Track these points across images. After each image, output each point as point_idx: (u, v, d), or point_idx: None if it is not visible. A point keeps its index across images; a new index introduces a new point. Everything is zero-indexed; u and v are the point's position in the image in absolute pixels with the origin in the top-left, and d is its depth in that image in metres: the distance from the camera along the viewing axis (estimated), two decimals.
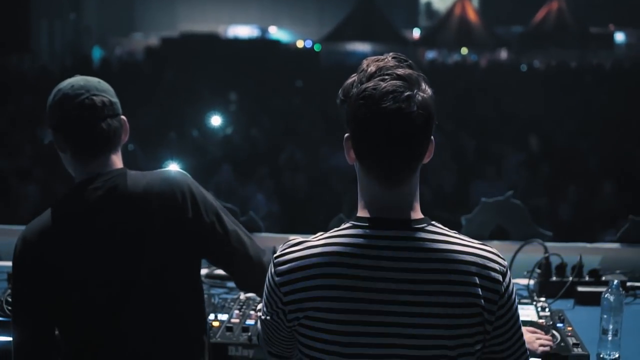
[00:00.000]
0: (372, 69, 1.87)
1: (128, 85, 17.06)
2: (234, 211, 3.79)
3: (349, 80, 1.90)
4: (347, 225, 1.89)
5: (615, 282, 2.85)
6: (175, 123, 12.70)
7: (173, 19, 30.31)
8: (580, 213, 8.18)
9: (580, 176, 9.39)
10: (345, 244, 1.85)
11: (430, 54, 25.80)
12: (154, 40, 26.24)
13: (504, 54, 26.65)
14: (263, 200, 8.81)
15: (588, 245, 3.86)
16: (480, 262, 1.84)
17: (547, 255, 3.53)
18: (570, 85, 17.31)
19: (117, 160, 2.49)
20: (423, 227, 1.86)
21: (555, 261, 3.53)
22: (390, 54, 1.94)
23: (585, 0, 27.21)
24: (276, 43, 26.59)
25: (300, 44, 28.27)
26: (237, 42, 26.27)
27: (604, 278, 3.46)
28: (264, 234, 3.93)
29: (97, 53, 26.76)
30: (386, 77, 1.84)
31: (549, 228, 4.20)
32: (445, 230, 1.89)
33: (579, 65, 22.27)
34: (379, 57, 1.93)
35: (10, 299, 3.09)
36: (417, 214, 1.89)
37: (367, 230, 1.85)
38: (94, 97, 2.48)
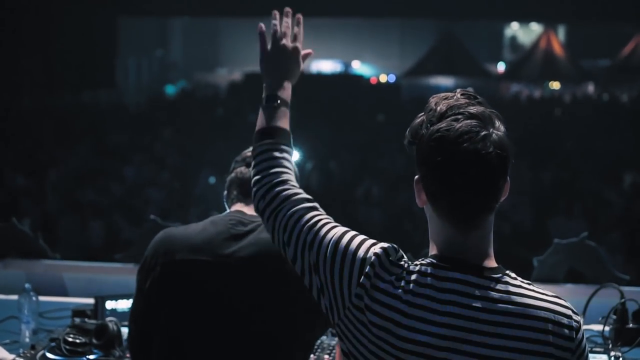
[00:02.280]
0: (442, 107, 1.79)
1: (208, 118, 17.44)
2: None
3: (417, 120, 1.83)
4: (419, 261, 1.81)
5: None
6: None
7: (257, 55, 30.74)
8: None
9: None
10: (412, 281, 1.78)
11: (515, 88, 25.47)
12: (237, 76, 26.67)
13: (590, 88, 26.11)
14: None
15: None
16: (555, 318, 1.75)
17: (623, 300, 3.36)
18: None
19: None
20: (498, 278, 1.77)
21: (632, 307, 3.37)
22: (459, 90, 1.87)
23: None
24: (359, 77, 26.67)
25: (383, 78, 28.29)
26: (320, 77, 26.47)
27: None
28: None
29: (179, 87, 27.37)
30: (459, 116, 1.76)
31: (630, 269, 4.02)
32: (519, 281, 1.79)
33: None
34: (448, 94, 1.86)
35: (69, 339, 3.10)
36: (492, 262, 1.80)
37: (438, 271, 1.77)
38: None
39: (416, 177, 1.84)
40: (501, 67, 29.43)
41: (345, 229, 1.94)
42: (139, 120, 17.92)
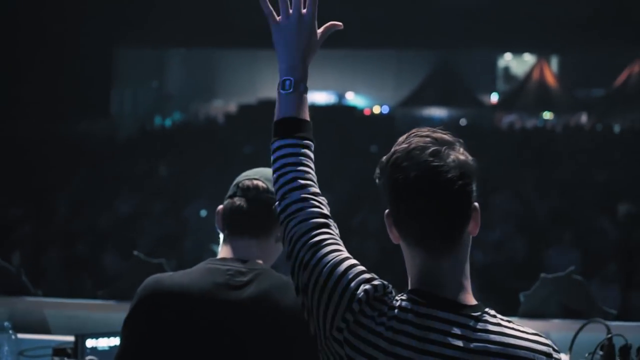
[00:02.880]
0: (406, 143, 1.83)
1: (203, 150, 17.44)
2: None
3: (382, 161, 1.87)
4: (400, 296, 1.80)
5: None
6: None
7: (253, 86, 30.87)
8: None
9: None
10: (393, 317, 1.77)
11: (509, 118, 25.57)
12: (232, 107, 26.76)
13: (584, 118, 26.21)
14: None
15: None
16: (535, 357, 1.72)
17: (609, 335, 3.32)
18: None
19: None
20: (477, 316, 1.75)
21: (619, 342, 3.32)
22: (426, 128, 1.88)
23: None
24: (352, 109, 26.75)
25: (376, 109, 28.36)
26: (313, 108, 26.45)
27: None
28: None
29: (175, 118, 27.45)
30: (420, 142, 1.80)
31: (620, 301, 3.99)
32: (499, 319, 1.77)
33: None
34: (413, 130, 1.89)
35: None
36: (470, 297, 1.79)
37: (418, 307, 1.76)
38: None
39: (386, 211, 1.84)
40: (495, 97, 29.57)
41: (344, 256, 1.87)
42: (134, 151, 17.93)
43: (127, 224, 10.85)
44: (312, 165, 2.04)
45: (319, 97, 29.82)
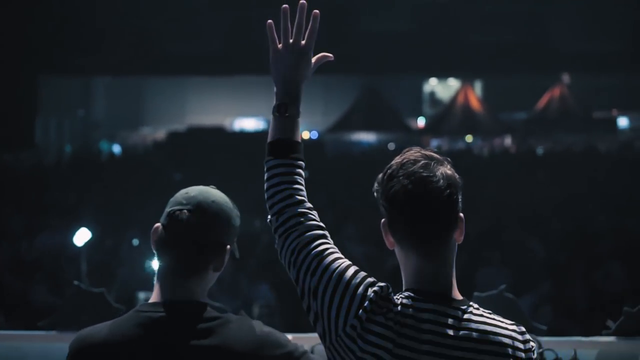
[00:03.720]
0: (399, 158, 2.11)
1: (131, 178, 17.27)
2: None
3: (379, 177, 2.13)
4: (399, 295, 2.06)
5: None
6: None
7: (182, 113, 30.73)
8: (594, 300, 8.08)
9: (591, 261, 9.30)
10: (398, 313, 2.02)
11: (435, 142, 25.99)
12: (161, 134, 26.58)
13: (508, 140, 26.82)
14: (267, 291, 8.74)
15: (584, 339, 3.77)
16: (514, 344, 2.04)
17: (541, 350, 3.46)
18: (578, 170, 17.33)
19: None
20: (465, 309, 2.05)
21: (549, 357, 3.47)
22: (418, 148, 2.17)
23: (588, 85, 27.50)
24: None
25: (305, 134, 28.53)
26: (242, 134, 26.54)
27: None
28: None
29: (102, 146, 27.13)
30: (413, 159, 2.08)
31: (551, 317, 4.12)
32: (482, 311, 2.08)
33: (585, 149, 22.38)
34: (407, 149, 2.17)
35: None
36: (457, 293, 2.08)
37: (417, 303, 2.03)
38: None
39: (382, 220, 2.09)
40: (421, 121, 30.01)
41: (348, 262, 2.11)
42: (60, 181, 17.63)
43: (55, 254, 10.67)
44: (303, 183, 2.25)
45: (248, 123, 29.85)
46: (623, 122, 29.52)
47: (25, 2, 18.37)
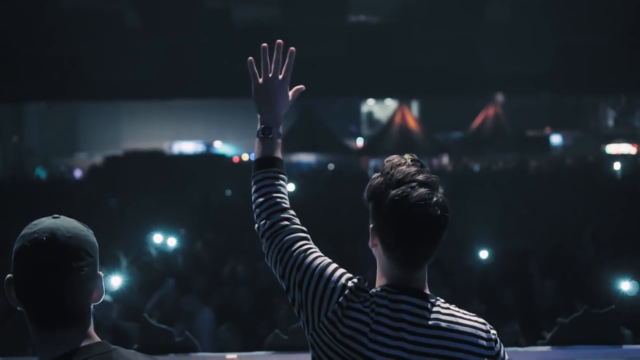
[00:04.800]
0: (397, 175, 2.25)
1: (69, 202, 16.99)
2: (168, 333, 3.74)
3: (375, 183, 2.28)
4: (375, 289, 2.27)
5: None
6: (121, 242, 12.59)
7: (117, 138, 30.45)
8: (521, 313, 8.22)
9: (522, 278, 9.47)
10: (374, 302, 2.24)
11: (374, 162, 26.21)
12: (97, 160, 26.29)
13: (445, 159, 27.19)
14: (210, 314, 8.69)
15: (520, 349, 3.87)
16: (476, 333, 2.24)
17: None
18: (509, 188, 17.64)
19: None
20: (433, 302, 2.25)
21: None
22: (408, 156, 2.33)
23: (521, 105, 28.11)
24: (221, 157, 26.79)
25: (245, 156, 28.52)
26: (181, 157, 26.44)
27: None
28: (200, 354, 3.86)
29: (36, 174, 26.69)
30: (413, 184, 2.22)
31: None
32: (447, 305, 2.29)
33: (518, 167, 22.80)
34: (400, 160, 2.32)
35: None
36: (427, 290, 2.29)
37: (392, 295, 2.23)
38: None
39: (371, 225, 2.28)
40: (360, 142, 30.24)
41: (329, 260, 2.36)
42: None
43: None
44: (286, 193, 2.52)
45: (186, 146, 29.72)
46: (556, 139, 30.20)
47: None
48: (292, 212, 2.48)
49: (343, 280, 2.29)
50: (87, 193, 19.48)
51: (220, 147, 30.56)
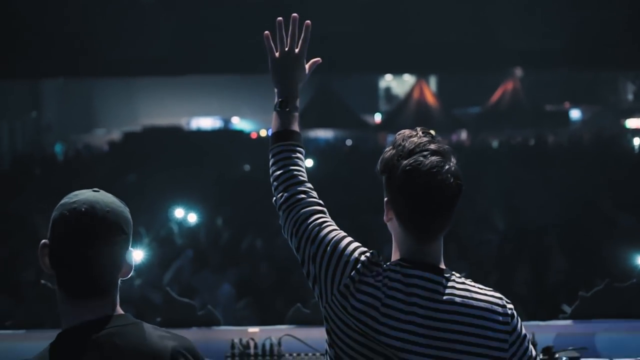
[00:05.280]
0: (409, 145, 2.25)
1: (89, 178, 17.08)
2: (191, 307, 3.78)
3: (387, 154, 2.29)
4: (389, 264, 2.28)
5: (564, 359, 2.88)
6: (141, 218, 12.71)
7: (134, 115, 30.50)
8: (538, 288, 8.24)
9: (539, 252, 9.48)
10: (386, 277, 2.24)
11: (392, 137, 26.11)
12: (116, 135, 26.37)
13: (463, 135, 27.07)
14: (229, 289, 8.76)
15: (541, 323, 3.89)
16: (491, 307, 2.22)
17: None
18: (530, 163, 17.58)
19: None
20: (448, 277, 2.25)
21: None
22: (419, 129, 2.34)
23: (539, 79, 27.89)
24: (239, 132, 26.82)
25: (263, 132, 28.51)
26: (200, 133, 26.49)
27: (557, 355, 3.49)
28: (222, 327, 3.91)
29: (56, 149, 26.83)
30: (425, 152, 2.22)
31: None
32: (463, 279, 2.28)
33: (537, 143, 22.69)
34: (411, 132, 2.33)
35: None
36: (442, 264, 2.30)
37: (405, 269, 2.23)
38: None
39: (385, 199, 2.29)
40: (378, 117, 30.15)
41: (344, 233, 2.37)
42: (12, 186, 17.38)
43: (9, 263, 10.54)
44: (304, 166, 2.54)
45: (204, 122, 29.74)
46: (575, 114, 29.99)
47: None
48: (309, 185, 2.49)
49: (356, 254, 2.29)
50: (106, 168, 19.59)
51: (238, 123, 30.57)
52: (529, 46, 19.36)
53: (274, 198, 2.48)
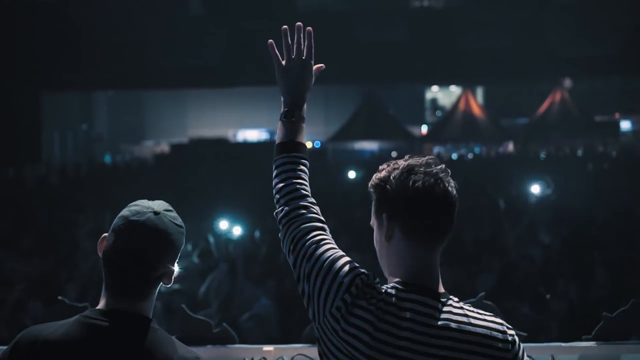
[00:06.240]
0: (407, 163, 2.22)
1: (136, 189, 17.27)
2: (207, 324, 3.77)
3: (383, 173, 2.24)
4: (385, 286, 2.19)
5: None
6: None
7: (183, 126, 30.83)
8: (581, 304, 8.07)
9: (583, 267, 9.30)
10: (381, 300, 2.17)
11: (437, 149, 25.99)
12: (164, 147, 26.68)
13: (510, 146, 26.79)
14: (267, 304, 8.74)
15: (563, 344, 3.77)
16: (490, 334, 2.13)
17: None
18: (577, 174, 17.31)
19: None
20: (445, 301, 2.17)
21: None
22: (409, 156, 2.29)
23: (589, 89, 27.51)
24: None
25: (309, 144, 28.57)
26: (245, 145, 26.63)
27: None
28: (237, 345, 3.88)
29: (105, 160, 27.24)
30: (426, 166, 2.20)
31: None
32: (461, 304, 2.20)
33: (586, 153, 22.36)
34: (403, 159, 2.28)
35: None
36: (441, 287, 2.20)
37: (401, 294, 2.16)
38: None
39: (384, 215, 2.22)
40: (424, 129, 30.01)
41: (341, 253, 2.28)
42: (64, 196, 17.69)
43: (56, 270, 10.68)
44: (307, 179, 2.45)
45: (251, 134, 29.91)
46: (626, 125, 29.49)
47: (27, 20, 18.50)
48: (311, 199, 2.41)
49: (351, 275, 2.20)
50: (153, 179, 19.80)
51: None
52: (581, 53, 19.04)
53: (275, 211, 2.42)
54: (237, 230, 12.41)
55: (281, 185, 2.42)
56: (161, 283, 2.33)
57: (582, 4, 18.76)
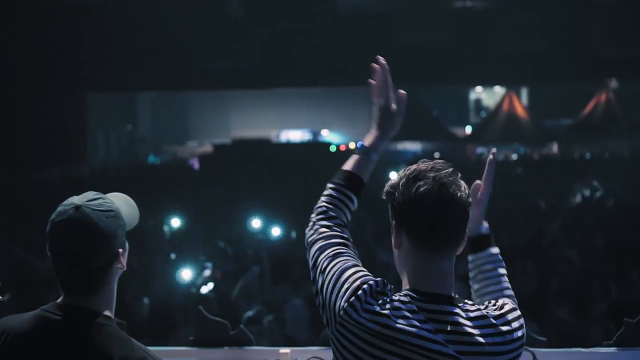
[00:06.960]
0: (419, 167, 2.23)
1: (180, 189, 17.44)
2: (223, 325, 3.77)
3: (395, 179, 2.25)
4: (398, 294, 2.21)
5: None
6: (221, 228, 12.92)
7: (226, 127, 30.99)
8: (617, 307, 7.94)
9: (621, 269, 9.16)
10: (392, 307, 2.18)
11: (480, 150, 25.76)
12: (207, 148, 26.85)
13: (554, 147, 26.45)
14: (300, 304, 8.74)
15: (583, 350, 3.71)
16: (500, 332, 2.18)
17: None
18: (620, 177, 17.05)
19: None
20: (461, 306, 2.20)
21: None
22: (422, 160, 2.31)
23: (634, 90, 27.03)
24: (327, 145, 26.93)
25: (352, 145, 28.51)
26: (288, 145, 26.70)
27: None
28: (254, 347, 3.88)
29: (149, 161, 27.51)
30: (436, 171, 2.21)
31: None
32: (476, 307, 2.22)
33: (632, 155, 22.00)
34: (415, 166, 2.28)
35: None
36: (453, 293, 2.23)
37: (409, 299, 2.18)
38: None
39: (393, 222, 2.25)
40: (468, 130, 29.79)
41: (353, 262, 2.32)
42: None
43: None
44: (346, 211, 2.52)
45: (294, 135, 29.96)
46: None
47: (73, 24, 18.77)
48: (338, 221, 2.46)
49: (359, 281, 2.23)
50: (196, 180, 19.96)
51: (327, 135, 30.70)
52: (626, 54, 18.72)
53: (306, 228, 2.49)
54: (276, 232, 12.45)
55: (321, 209, 2.49)
56: (116, 268, 2.34)
57: (626, 3, 18.45)
